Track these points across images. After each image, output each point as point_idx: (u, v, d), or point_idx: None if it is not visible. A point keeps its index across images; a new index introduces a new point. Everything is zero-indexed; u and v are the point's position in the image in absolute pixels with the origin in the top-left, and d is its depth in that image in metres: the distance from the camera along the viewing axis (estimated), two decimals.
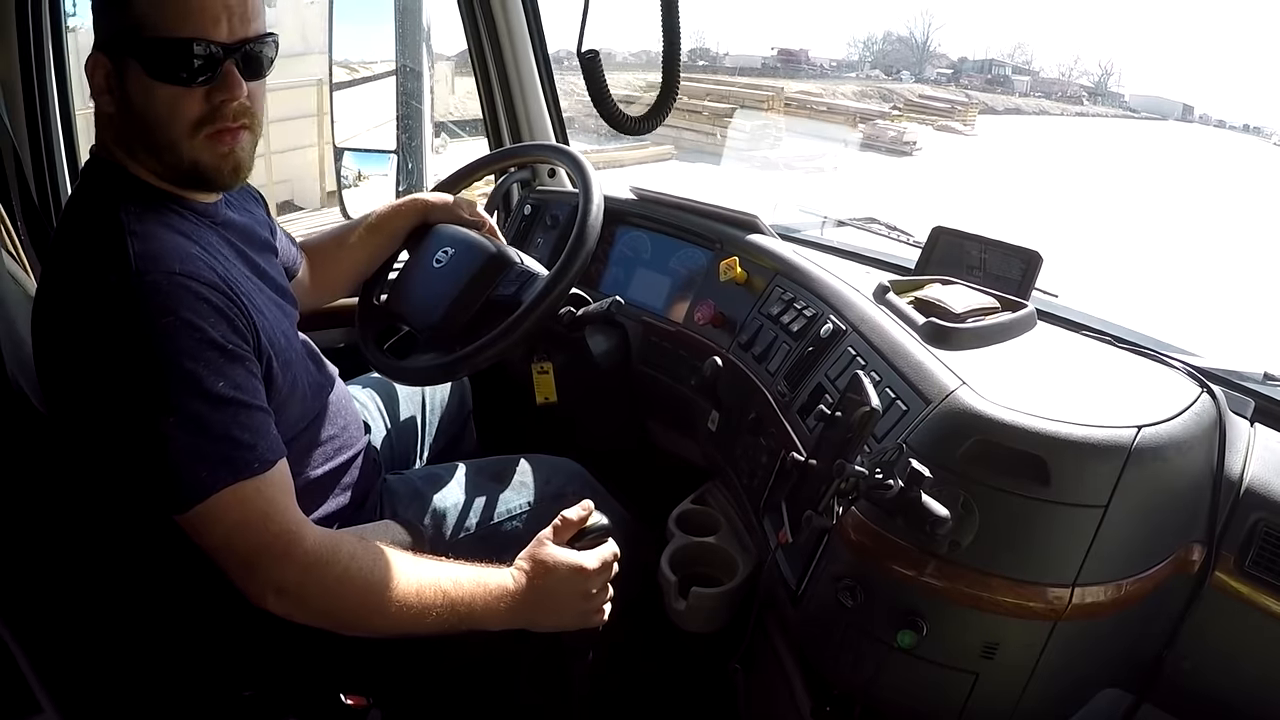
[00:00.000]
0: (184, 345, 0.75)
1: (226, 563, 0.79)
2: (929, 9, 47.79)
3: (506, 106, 1.77)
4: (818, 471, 0.88)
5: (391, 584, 0.81)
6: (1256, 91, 70.67)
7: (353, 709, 0.97)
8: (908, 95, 27.00)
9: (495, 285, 1.22)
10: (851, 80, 33.76)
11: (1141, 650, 0.89)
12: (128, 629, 0.90)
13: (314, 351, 1.05)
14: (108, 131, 0.85)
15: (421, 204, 1.31)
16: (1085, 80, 45.04)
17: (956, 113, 22.81)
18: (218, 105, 0.82)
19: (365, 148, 1.78)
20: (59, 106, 1.47)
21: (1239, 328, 5.31)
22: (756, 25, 67.28)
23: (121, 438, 0.77)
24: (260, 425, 0.80)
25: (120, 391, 0.75)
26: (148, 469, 0.76)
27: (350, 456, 1.04)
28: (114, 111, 0.83)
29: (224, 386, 0.77)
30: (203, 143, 0.83)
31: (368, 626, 0.83)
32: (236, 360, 0.79)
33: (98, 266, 0.77)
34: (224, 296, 0.80)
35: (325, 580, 0.80)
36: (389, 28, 1.74)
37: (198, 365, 0.76)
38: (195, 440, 0.75)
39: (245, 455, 0.77)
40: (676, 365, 1.36)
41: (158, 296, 0.75)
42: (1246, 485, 0.86)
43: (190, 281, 0.77)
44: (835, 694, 0.93)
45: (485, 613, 0.85)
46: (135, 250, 0.77)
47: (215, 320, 0.78)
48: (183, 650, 0.91)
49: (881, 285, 1.11)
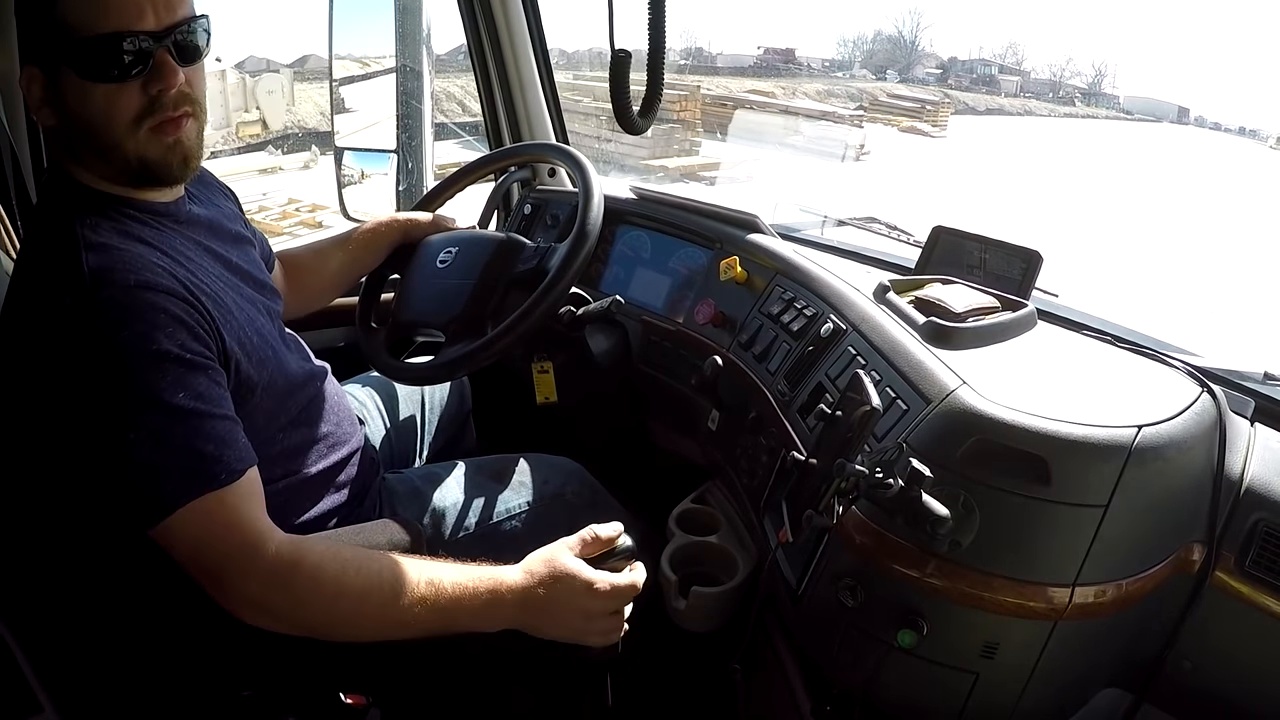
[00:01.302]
0: (141, 360, 0.75)
1: (198, 576, 0.78)
2: (918, 8, 47.65)
3: (507, 106, 1.77)
4: (818, 471, 0.88)
5: (364, 592, 0.79)
6: (1253, 94, 70.69)
7: (352, 708, 0.97)
8: (876, 95, 26.16)
9: (514, 265, 1.22)
10: (824, 79, 32.73)
11: (1142, 650, 0.89)
12: (127, 629, 0.90)
13: (300, 345, 1.05)
14: (54, 144, 0.85)
15: (403, 222, 1.32)
16: (1079, 81, 44.86)
17: (926, 113, 21.97)
18: (155, 96, 0.81)
19: (365, 147, 1.78)
20: None
21: (1239, 327, 5.30)
22: (748, 25, 67.15)
23: (85, 455, 0.77)
24: (225, 434, 0.78)
25: (80, 410, 0.75)
26: (113, 485, 0.76)
27: (346, 454, 1.04)
28: (55, 123, 0.82)
29: (184, 398, 0.76)
30: (146, 137, 0.82)
31: (347, 634, 0.82)
32: (198, 369, 0.78)
33: (53, 288, 0.76)
34: (184, 304, 0.79)
35: (292, 589, 0.78)
36: (388, 26, 1.74)
37: (157, 378, 0.75)
38: (157, 454, 0.75)
39: (210, 467, 0.76)
40: (677, 365, 1.36)
41: (114, 311, 0.75)
42: (1247, 485, 0.86)
43: (147, 293, 0.76)
44: (835, 693, 0.93)
45: (472, 616, 0.82)
46: (90, 265, 0.76)
47: (174, 330, 0.77)
48: (182, 650, 0.91)
49: (882, 285, 1.11)
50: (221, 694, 0.94)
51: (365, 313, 1.32)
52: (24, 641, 0.86)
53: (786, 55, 36.09)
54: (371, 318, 1.32)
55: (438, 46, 1.74)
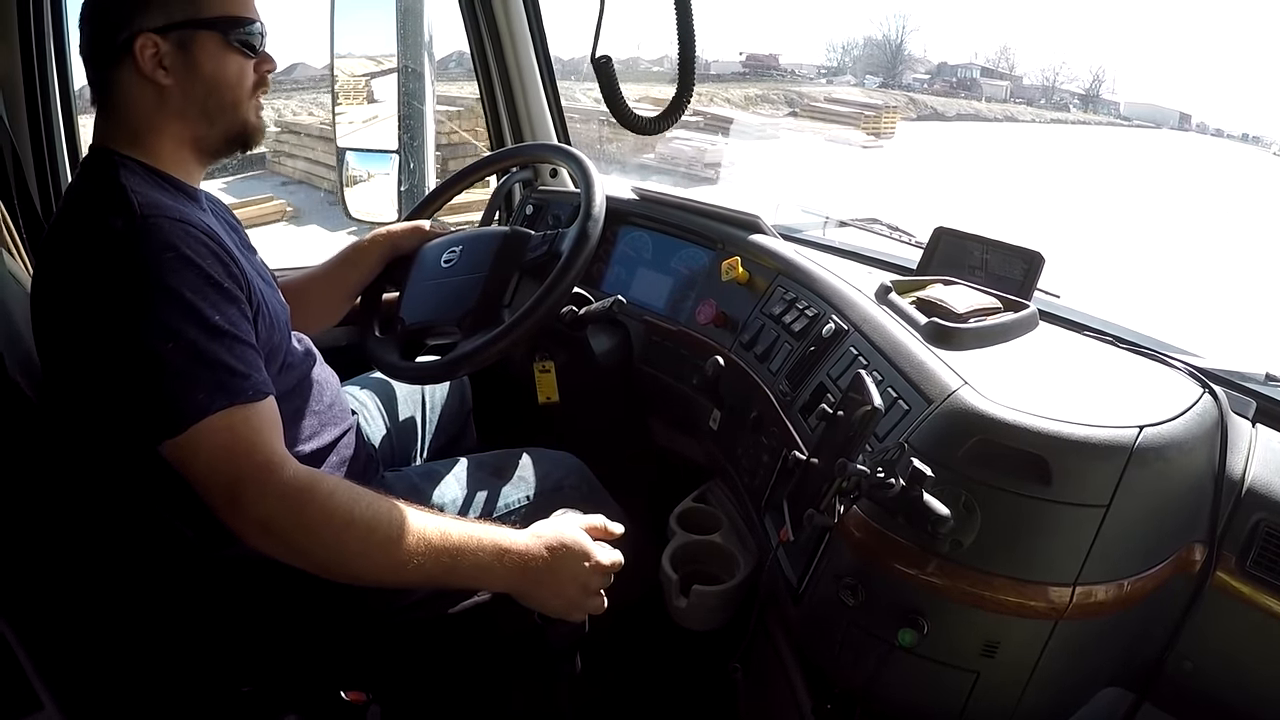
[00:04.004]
0: (185, 278, 0.81)
1: (210, 493, 0.79)
2: (904, 12, 47.23)
3: (508, 106, 1.77)
4: (819, 470, 0.88)
5: (371, 525, 0.81)
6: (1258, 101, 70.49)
7: (352, 705, 0.97)
8: (812, 100, 24.02)
9: (524, 254, 1.22)
10: (788, 83, 30.54)
11: (1142, 650, 0.89)
12: (128, 626, 0.90)
13: (298, 335, 1.06)
14: (143, 106, 0.90)
15: (389, 234, 1.33)
16: (1075, 87, 44.52)
17: (866, 120, 20.14)
18: (263, 75, 0.97)
19: (367, 147, 1.78)
20: (60, 105, 1.47)
21: (1240, 328, 5.30)
22: (738, 30, 66.90)
23: (120, 365, 0.80)
24: (253, 360, 0.84)
25: (122, 319, 0.79)
26: (144, 393, 0.79)
27: (338, 434, 1.05)
28: (172, 83, 0.90)
29: (219, 319, 0.82)
30: (255, 105, 0.97)
31: (350, 570, 0.83)
32: (231, 300, 0.84)
33: (102, 214, 0.82)
34: (219, 246, 0.86)
35: (303, 513, 0.80)
36: (389, 28, 1.74)
37: (197, 297, 0.81)
38: (193, 365, 0.79)
39: (240, 383, 0.81)
40: (678, 365, 1.36)
41: (160, 234, 0.81)
42: (1248, 486, 0.86)
43: (190, 227, 0.83)
44: (836, 692, 0.93)
45: (474, 569, 0.85)
46: (139, 201, 0.83)
47: (212, 262, 0.83)
48: (183, 647, 0.91)
49: (883, 285, 1.11)
50: (222, 690, 0.94)
51: (367, 321, 1.31)
52: (25, 638, 0.86)
53: (770, 61, 35.63)
54: (374, 325, 1.31)
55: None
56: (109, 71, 0.90)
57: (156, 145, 0.92)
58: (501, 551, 0.86)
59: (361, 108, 1.84)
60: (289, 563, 0.81)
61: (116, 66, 0.89)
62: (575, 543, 0.89)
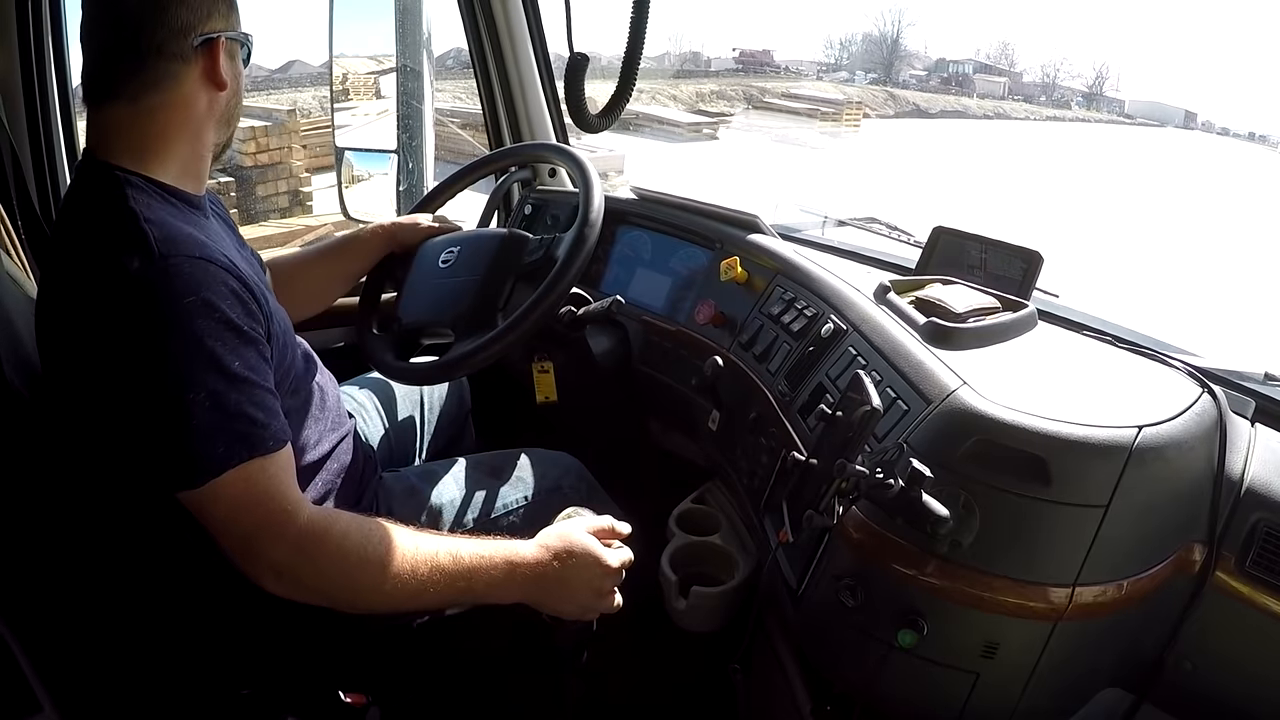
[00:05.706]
0: (206, 326, 0.78)
1: (227, 541, 0.79)
2: (899, 7, 46.98)
3: (507, 106, 1.77)
4: (818, 471, 0.87)
5: (385, 561, 0.82)
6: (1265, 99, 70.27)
7: (351, 707, 0.97)
8: (767, 96, 23.26)
9: (521, 257, 1.22)
10: (765, 78, 29.45)
11: (1142, 650, 0.89)
12: (127, 628, 0.90)
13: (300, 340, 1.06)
14: (184, 111, 0.88)
15: (390, 227, 1.32)
16: (1078, 84, 44.30)
17: (823, 116, 19.54)
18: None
19: (366, 147, 1.78)
20: (59, 107, 1.46)
21: (1239, 328, 5.30)
22: (736, 28, 66.60)
23: (140, 416, 0.78)
24: (271, 406, 0.82)
25: (143, 370, 0.77)
26: (165, 445, 0.78)
27: (337, 440, 1.05)
28: (227, 89, 0.91)
29: (239, 366, 0.80)
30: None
31: (365, 604, 0.84)
32: (250, 343, 0.82)
33: (118, 253, 0.79)
34: (239, 281, 0.83)
35: (318, 558, 0.80)
36: (388, 27, 1.74)
37: (218, 344, 0.79)
38: (213, 417, 0.77)
39: (260, 433, 0.80)
40: (677, 365, 1.36)
41: (180, 279, 0.78)
42: (1247, 485, 0.86)
43: (211, 266, 0.81)
44: (835, 693, 0.93)
45: (488, 587, 0.86)
46: (155, 236, 0.79)
47: (232, 303, 0.81)
48: (182, 649, 0.91)
49: (882, 285, 1.11)
50: (221, 693, 0.94)
51: (365, 321, 1.31)
52: (24, 640, 0.86)
53: (764, 57, 35.21)
54: (373, 325, 1.31)
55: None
56: (166, 71, 0.85)
57: (171, 156, 0.88)
58: (512, 566, 0.87)
59: (362, 105, 1.83)
60: (304, 602, 0.81)
61: (185, 66, 0.86)
62: (583, 549, 0.89)
